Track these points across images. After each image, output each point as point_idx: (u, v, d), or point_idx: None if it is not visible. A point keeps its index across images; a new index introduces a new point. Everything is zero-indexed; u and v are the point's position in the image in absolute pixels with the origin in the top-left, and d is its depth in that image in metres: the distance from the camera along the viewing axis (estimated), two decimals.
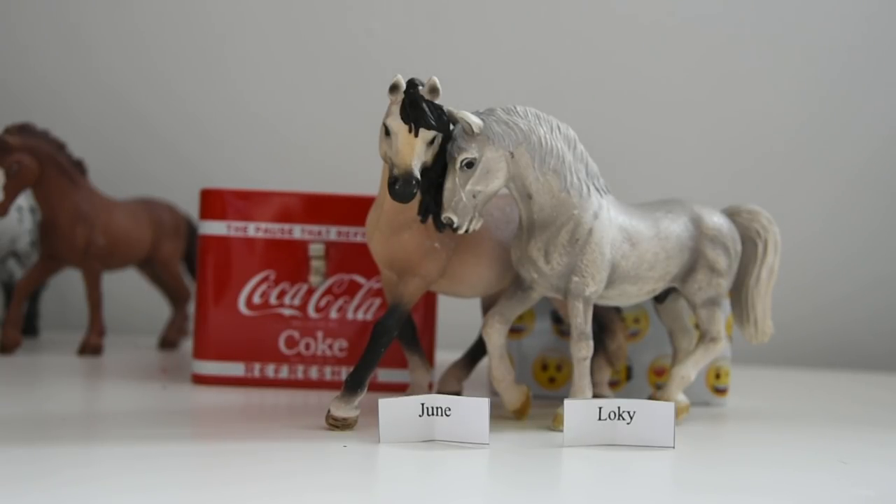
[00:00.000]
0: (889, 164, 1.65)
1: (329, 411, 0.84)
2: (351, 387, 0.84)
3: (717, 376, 1.09)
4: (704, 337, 0.94)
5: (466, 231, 0.83)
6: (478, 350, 1.02)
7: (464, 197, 0.81)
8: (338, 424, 0.84)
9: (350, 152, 1.44)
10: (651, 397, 0.95)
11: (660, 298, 0.97)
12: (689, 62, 1.65)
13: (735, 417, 1.03)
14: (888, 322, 1.65)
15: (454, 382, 1.01)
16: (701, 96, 1.65)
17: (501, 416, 0.93)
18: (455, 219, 0.82)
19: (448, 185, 0.82)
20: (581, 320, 0.86)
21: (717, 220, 0.93)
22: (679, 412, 0.92)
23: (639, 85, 1.65)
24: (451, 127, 0.83)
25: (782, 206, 1.13)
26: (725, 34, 1.65)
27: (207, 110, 1.68)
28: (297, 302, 1.09)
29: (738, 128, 1.66)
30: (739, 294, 0.98)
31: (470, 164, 0.81)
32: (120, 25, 1.68)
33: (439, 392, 1.00)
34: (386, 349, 0.85)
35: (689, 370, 0.94)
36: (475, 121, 0.81)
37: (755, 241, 0.96)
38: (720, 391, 1.10)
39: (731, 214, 0.97)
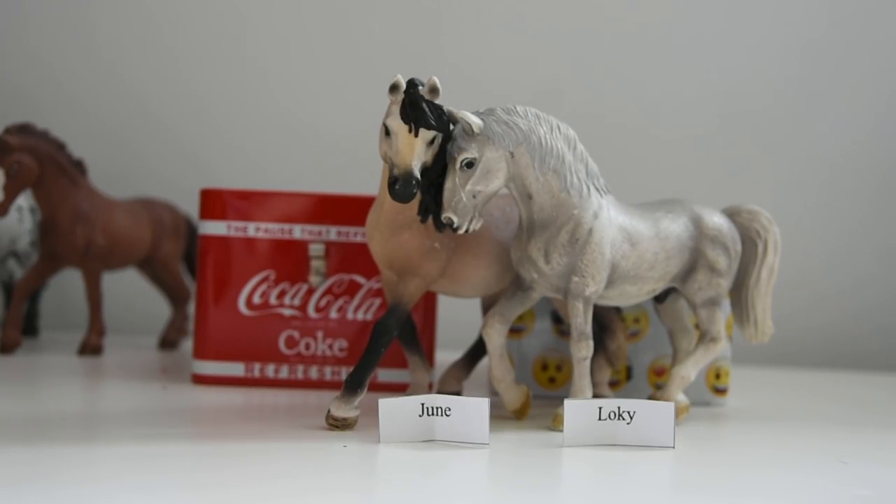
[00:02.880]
0: (879, 161, 1.65)
1: (329, 411, 0.84)
2: (351, 387, 0.84)
3: (717, 376, 1.09)
4: (704, 337, 0.94)
5: (466, 231, 0.82)
6: (478, 350, 1.02)
7: (464, 197, 0.81)
8: (338, 424, 0.84)
9: (350, 152, 1.44)
10: (651, 397, 0.95)
11: (660, 298, 0.97)
12: (682, 62, 1.65)
13: (735, 417, 1.03)
14: (888, 322, 1.64)
15: (454, 382, 1.01)
16: (692, 95, 1.65)
17: (501, 416, 0.93)
18: (455, 219, 0.82)
19: (448, 185, 0.82)
20: (581, 320, 0.86)
21: (717, 220, 0.93)
22: (679, 412, 0.92)
23: (635, 85, 1.65)
24: (451, 127, 0.83)
25: (786, 208, 1.13)
26: (715, 32, 1.65)
27: (209, 110, 1.68)
28: (297, 302, 1.09)
29: (730, 125, 1.66)
30: (739, 294, 0.98)
31: (470, 164, 0.81)
32: (125, 23, 1.68)
33: (439, 392, 1.00)
34: (386, 349, 0.85)
35: (689, 370, 0.94)
36: (475, 121, 0.81)
37: (755, 241, 0.96)
38: (720, 391, 1.10)
39: (731, 214, 0.97)
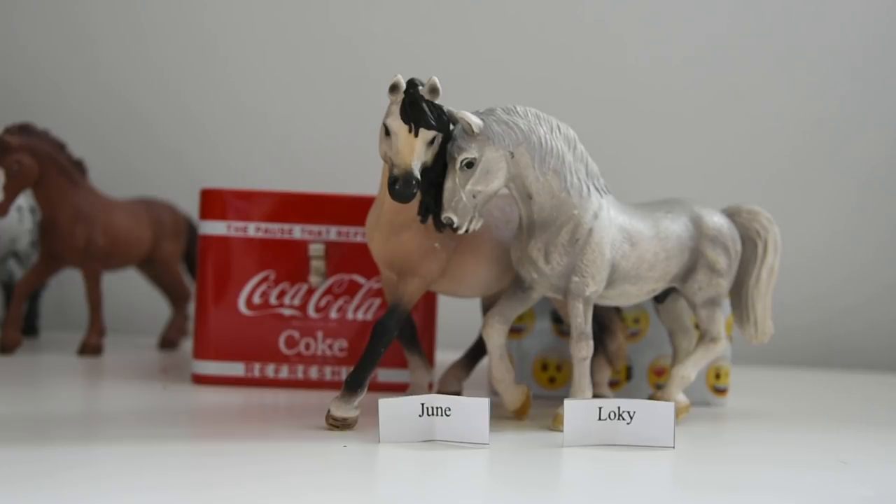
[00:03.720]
0: (884, 159, 1.65)
1: (329, 411, 0.84)
2: (351, 387, 0.84)
3: (717, 376, 1.09)
4: (704, 337, 0.94)
5: (466, 231, 0.82)
6: (478, 350, 1.02)
7: (464, 197, 0.81)
8: (338, 424, 0.84)
9: (350, 152, 1.43)
10: (651, 397, 0.95)
11: (660, 298, 0.97)
12: (698, 63, 1.64)
13: (735, 417, 1.03)
14: (888, 321, 1.64)
15: (454, 382, 1.01)
16: (709, 99, 1.64)
17: (501, 416, 0.93)
18: (455, 219, 0.82)
19: (448, 185, 0.82)
20: (581, 320, 0.86)
21: (717, 220, 0.93)
22: (679, 412, 0.92)
23: (643, 85, 1.65)
24: (451, 127, 0.83)
25: (789, 209, 1.12)
26: (733, 35, 1.64)
27: (207, 111, 1.68)
28: (297, 302, 1.09)
29: (747, 131, 1.64)
30: (739, 294, 0.98)
31: (470, 164, 0.81)
32: (120, 26, 1.68)
33: (439, 392, 1.00)
34: (386, 349, 0.85)
35: (689, 370, 0.94)
36: (475, 121, 0.81)
37: (755, 241, 0.96)
38: (720, 391, 1.10)
39: (731, 214, 0.97)
